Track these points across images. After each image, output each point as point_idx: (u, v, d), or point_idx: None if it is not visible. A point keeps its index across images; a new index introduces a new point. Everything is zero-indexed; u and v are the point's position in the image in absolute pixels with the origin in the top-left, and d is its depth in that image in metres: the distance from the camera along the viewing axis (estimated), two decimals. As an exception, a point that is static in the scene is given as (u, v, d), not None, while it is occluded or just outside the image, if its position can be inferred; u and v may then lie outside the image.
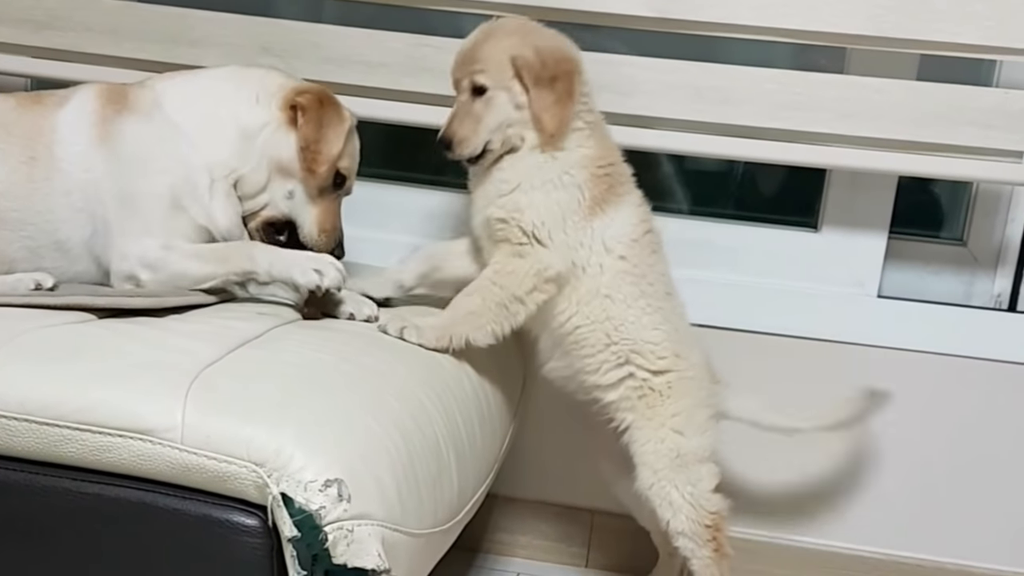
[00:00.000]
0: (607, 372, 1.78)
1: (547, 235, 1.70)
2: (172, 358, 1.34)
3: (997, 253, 2.20)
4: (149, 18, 2.16)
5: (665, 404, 1.78)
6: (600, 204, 1.73)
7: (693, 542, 1.79)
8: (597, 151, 1.75)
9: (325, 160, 1.75)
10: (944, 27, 1.93)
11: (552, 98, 1.67)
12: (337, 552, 1.22)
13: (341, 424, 1.32)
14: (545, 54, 1.68)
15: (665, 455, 1.77)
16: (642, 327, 1.76)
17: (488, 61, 1.69)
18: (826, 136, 2.01)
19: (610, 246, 1.73)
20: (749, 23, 1.99)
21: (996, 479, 2.16)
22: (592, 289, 1.74)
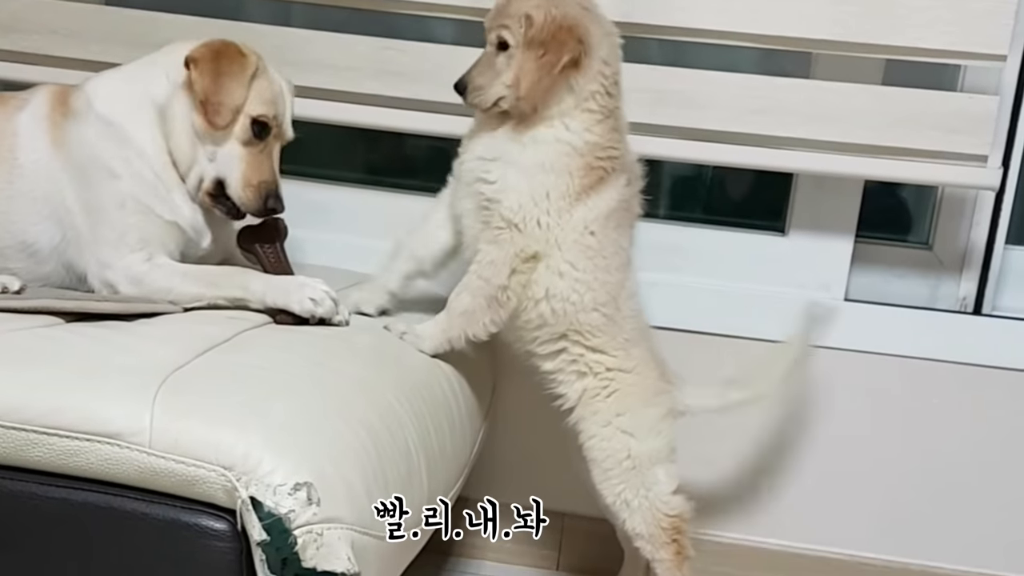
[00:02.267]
0: (543, 344, 1.78)
1: (523, 221, 1.69)
2: (140, 362, 1.33)
3: (962, 257, 2.22)
4: (115, 21, 2.16)
5: (607, 402, 1.77)
6: (588, 192, 1.70)
7: (651, 544, 1.79)
8: (602, 139, 1.71)
9: (227, 110, 1.69)
10: (909, 32, 1.95)
11: (535, 63, 1.65)
12: (307, 556, 1.22)
13: (310, 427, 1.31)
14: (551, 20, 1.65)
15: (614, 456, 1.77)
16: (581, 301, 1.73)
17: (512, 18, 1.67)
18: (792, 140, 2.02)
19: (587, 226, 1.71)
20: (715, 27, 2.00)
21: (961, 480, 2.18)
22: (549, 268, 1.72)
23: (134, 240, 1.68)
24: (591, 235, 1.72)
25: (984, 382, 2.13)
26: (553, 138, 1.69)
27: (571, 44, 1.65)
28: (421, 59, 2.10)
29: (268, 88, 1.74)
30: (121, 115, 1.71)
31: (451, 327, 1.74)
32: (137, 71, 1.77)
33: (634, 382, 1.78)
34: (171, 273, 1.67)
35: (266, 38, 2.12)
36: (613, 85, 1.72)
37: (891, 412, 2.17)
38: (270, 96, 1.74)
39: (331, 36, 2.14)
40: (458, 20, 2.13)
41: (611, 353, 1.77)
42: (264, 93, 1.73)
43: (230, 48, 1.71)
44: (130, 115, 1.71)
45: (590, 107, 1.70)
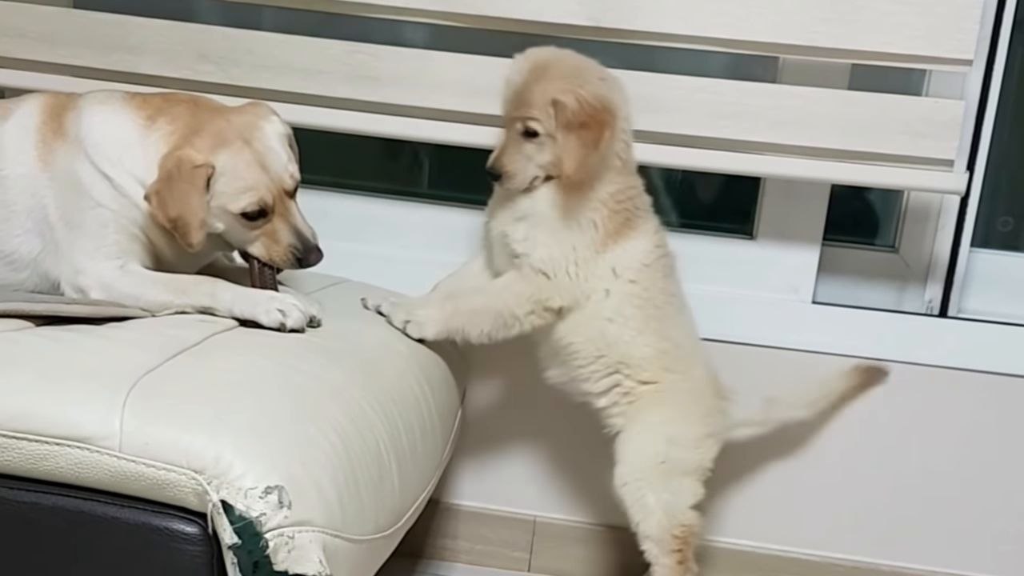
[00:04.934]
0: (597, 381, 1.86)
1: (553, 271, 1.78)
2: (110, 366, 1.33)
3: (928, 260, 2.24)
4: (85, 24, 2.14)
5: (655, 409, 1.84)
6: (614, 237, 1.80)
7: (659, 548, 1.85)
8: (622, 185, 1.81)
9: (194, 229, 1.62)
10: (875, 37, 1.97)
11: (578, 144, 1.72)
12: (278, 559, 1.22)
13: (281, 430, 1.31)
14: (584, 102, 1.72)
15: (650, 457, 1.84)
16: (632, 345, 1.83)
17: (537, 107, 1.74)
18: (760, 145, 2.03)
19: (619, 272, 1.81)
20: (682, 32, 2.01)
21: (927, 481, 2.20)
22: (595, 313, 1.81)
23: (111, 251, 1.68)
24: (632, 283, 1.81)
25: (950, 384, 2.15)
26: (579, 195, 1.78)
27: (608, 121, 1.73)
28: (393, 63, 2.10)
29: (240, 174, 1.65)
30: (114, 171, 1.67)
31: (456, 318, 1.81)
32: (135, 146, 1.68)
33: (691, 398, 1.88)
34: (141, 280, 1.67)
35: (236, 41, 2.12)
36: (630, 135, 1.83)
37: (858, 414, 2.18)
38: (247, 182, 1.65)
39: (302, 40, 2.13)
40: (429, 24, 2.13)
41: (662, 381, 1.86)
42: (238, 183, 1.65)
43: (180, 167, 1.61)
44: (124, 176, 1.67)
45: (613, 163, 1.80)
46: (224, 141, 1.64)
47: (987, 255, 2.27)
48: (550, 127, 1.73)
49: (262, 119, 1.70)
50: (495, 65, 2.06)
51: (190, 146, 1.63)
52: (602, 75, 1.80)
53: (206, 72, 2.12)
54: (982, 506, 2.20)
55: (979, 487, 2.19)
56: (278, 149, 1.69)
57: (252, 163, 1.65)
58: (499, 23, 2.06)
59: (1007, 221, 2.38)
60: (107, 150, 1.68)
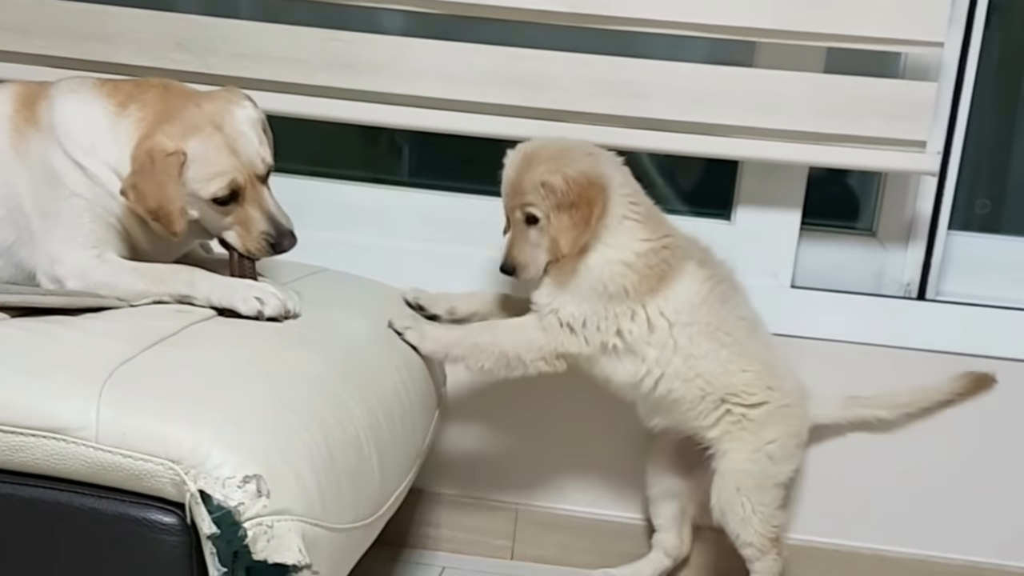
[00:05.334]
0: (707, 416, 1.90)
1: (580, 327, 1.81)
2: (86, 356, 1.33)
3: (905, 242, 2.24)
4: (59, 14, 2.12)
5: (763, 430, 1.90)
6: (649, 293, 1.82)
7: (760, 551, 1.95)
8: (648, 245, 1.83)
9: (176, 217, 1.62)
10: (849, 20, 1.97)
11: (569, 222, 1.76)
12: (257, 548, 1.22)
13: (259, 420, 1.31)
14: (571, 181, 1.76)
15: (754, 476, 1.92)
16: (731, 374, 1.87)
17: (531, 192, 1.78)
18: (737, 128, 2.04)
19: (673, 318, 1.83)
20: (659, 17, 2.01)
21: (906, 462, 2.21)
22: (669, 354, 1.84)
23: (87, 240, 1.67)
24: (692, 324, 1.84)
25: (928, 366, 2.15)
26: (603, 260, 1.81)
27: (597, 196, 1.77)
28: (371, 50, 2.10)
29: (211, 160, 1.64)
30: (87, 160, 1.67)
31: (460, 346, 1.85)
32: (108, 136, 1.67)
33: (789, 413, 1.94)
34: (118, 269, 1.66)
35: (213, 30, 2.11)
36: (636, 195, 1.85)
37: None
38: (218, 167, 1.64)
39: (280, 28, 2.12)
40: (406, 12, 2.13)
41: (770, 400, 1.90)
42: (208, 168, 1.64)
43: (152, 156, 1.61)
44: (97, 164, 1.66)
45: (624, 227, 1.82)
46: (195, 127, 1.64)
47: (965, 237, 2.27)
48: (545, 209, 1.77)
49: (233, 104, 1.69)
50: (473, 52, 2.07)
51: (161, 133, 1.62)
52: (589, 151, 1.84)
53: (183, 61, 2.11)
54: (959, 487, 2.21)
55: (956, 468, 2.20)
56: (249, 134, 1.68)
57: (223, 148, 1.64)
58: (477, 9, 2.05)
59: (984, 204, 2.39)
60: (80, 139, 1.67)
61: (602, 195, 1.77)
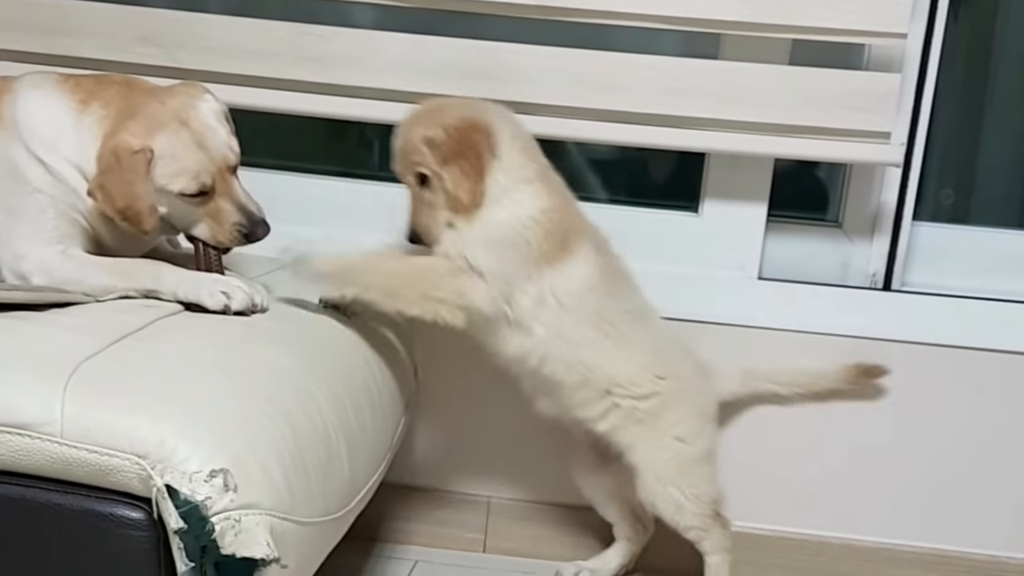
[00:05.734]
0: (592, 406, 1.86)
1: (490, 276, 1.73)
2: (50, 351, 1.32)
3: (871, 233, 2.26)
4: (22, 8, 2.11)
5: (662, 418, 1.87)
6: (550, 260, 1.77)
7: (702, 531, 1.93)
8: (549, 201, 1.78)
9: (146, 216, 1.62)
10: (813, 12, 1.99)
11: (460, 173, 1.71)
12: (225, 543, 1.22)
13: (225, 414, 1.31)
14: (451, 129, 1.71)
15: (670, 462, 1.89)
16: (614, 364, 1.84)
17: (415, 152, 1.73)
18: (704, 121, 2.05)
19: (564, 300, 1.78)
20: (625, 10, 2.02)
21: (872, 453, 2.23)
22: (555, 336, 1.79)
23: (51, 236, 1.66)
24: (579, 309, 1.80)
25: (895, 357, 2.17)
26: (502, 217, 1.75)
27: (481, 140, 1.72)
28: (341, 44, 2.09)
29: (179, 155, 1.64)
30: (49, 157, 1.66)
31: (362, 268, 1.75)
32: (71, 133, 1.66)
33: (686, 394, 1.91)
34: (83, 264, 1.65)
35: (179, 24, 2.11)
36: (533, 151, 1.80)
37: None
38: (186, 162, 1.64)
39: (248, 21, 2.11)
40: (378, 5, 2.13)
41: (661, 390, 1.87)
42: (176, 164, 1.63)
43: (118, 156, 1.60)
44: (60, 161, 1.66)
45: (525, 175, 1.77)
46: (160, 124, 1.63)
47: (929, 228, 2.29)
48: (433, 166, 1.72)
49: (196, 99, 1.68)
50: (441, 45, 2.07)
51: (125, 131, 1.62)
52: (472, 104, 1.80)
53: (151, 55, 2.10)
54: (930, 478, 2.23)
55: (918, 457, 2.23)
56: (216, 126, 1.67)
57: (190, 143, 1.64)
58: (446, 3, 2.06)
59: (948, 194, 2.41)
60: (42, 135, 1.66)
61: (486, 138, 1.72)
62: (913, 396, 2.20)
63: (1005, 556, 2.23)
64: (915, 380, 2.19)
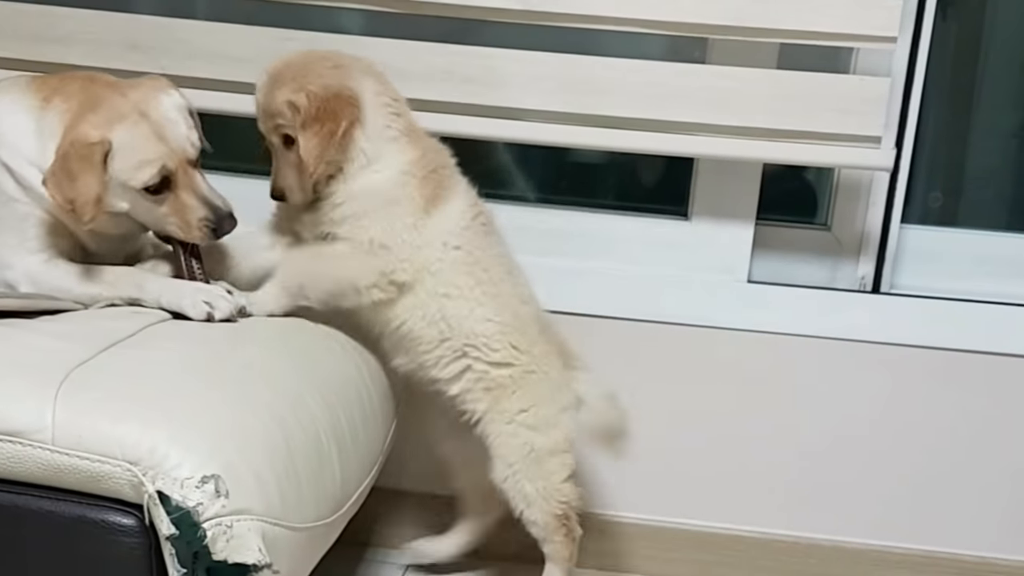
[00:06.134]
0: (446, 366, 1.83)
1: (392, 242, 1.74)
2: (41, 359, 1.32)
3: (860, 236, 2.26)
4: (9, 15, 2.11)
5: (512, 399, 1.84)
6: (433, 203, 1.77)
7: (545, 530, 1.88)
8: (418, 154, 1.78)
9: (90, 207, 1.57)
10: (802, 16, 1.99)
11: (315, 139, 1.70)
12: (217, 548, 1.22)
13: (217, 420, 1.31)
14: (313, 96, 1.70)
15: (518, 449, 1.84)
16: (474, 320, 1.80)
17: (280, 114, 1.73)
18: (692, 125, 2.05)
19: (447, 240, 1.78)
20: (613, 14, 2.02)
21: (862, 454, 2.23)
22: (431, 290, 1.78)
23: (35, 245, 1.66)
24: (457, 250, 1.78)
25: (883, 359, 2.18)
26: (375, 180, 1.75)
27: (343, 109, 1.71)
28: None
29: (138, 147, 1.62)
30: (13, 161, 1.65)
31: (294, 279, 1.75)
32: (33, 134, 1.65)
33: (538, 379, 1.85)
34: (68, 273, 1.65)
35: (166, 30, 2.10)
36: (396, 103, 1.80)
37: (793, 390, 2.22)
38: (146, 154, 1.62)
39: (234, 27, 2.11)
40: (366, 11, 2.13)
41: (515, 362, 1.83)
42: (136, 156, 1.62)
43: (74, 149, 1.58)
44: (23, 164, 1.64)
45: (391, 135, 1.77)
46: (120, 115, 1.62)
47: (918, 231, 2.29)
48: (295, 129, 1.72)
49: (159, 91, 1.68)
50: (428, 50, 2.07)
51: (86, 123, 1.60)
52: (337, 63, 1.77)
53: (136, 61, 2.09)
54: (909, 477, 2.24)
55: (908, 459, 2.23)
56: (176, 119, 1.66)
57: (150, 135, 1.63)
58: (431, 8, 2.06)
59: (936, 197, 2.41)
60: (8, 139, 1.65)
61: (350, 108, 1.71)
62: (902, 398, 2.21)
63: (995, 557, 2.24)
64: (904, 382, 2.20)
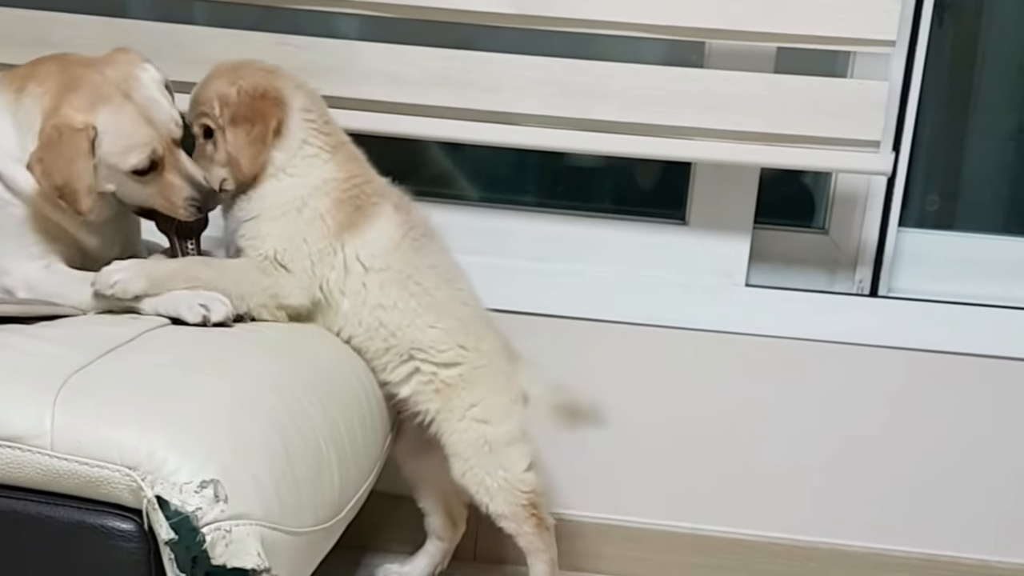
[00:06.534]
0: (394, 369, 1.84)
1: (290, 261, 1.74)
2: (40, 364, 1.32)
3: (858, 241, 2.27)
4: (7, 21, 2.11)
5: (461, 395, 1.84)
6: (348, 228, 1.77)
7: (514, 522, 1.88)
8: (339, 173, 1.79)
9: (83, 195, 1.57)
10: (799, 20, 1.99)
11: (246, 138, 1.71)
12: (216, 553, 1.22)
13: (215, 424, 1.31)
14: (245, 93, 1.71)
15: (472, 444, 1.85)
16: (416, 328, 1.82)
17: (206, 104, 1.74)
18: (689, 130, 2.05)
19: (368, 263, 1.78)
20: (609, 18, 2.02)
21: (856, 457, 2.24)
22: (359, 305, 1.79)
23: (33, 251, 1.65)
24: (384, 271, 1.79)
25: (881, 362, 2.18)
26: (282, 187, 1.75)
27: (272, 111, 1.72)
28: (322, 54, 2.09)
29: (126, 130, 1.61)
30: (8, 169, 1.63)
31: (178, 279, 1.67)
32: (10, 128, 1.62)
33: (486, 373, 1.86)
34: (67, 279, 1.65)
35: (162, 35, 2.10)
36: (325, 124, 1.82)
37: (791, 394, 2.22)
38: (134, 137, 1.61)
39: (230, 33, 2.11)
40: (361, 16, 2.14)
41: (464, 360, 1.84)
42: (124, 139, 1.61)
43: (58, 132, 1.56)
44: (16, 170, 1.61)
45: (308, 151, 1.77)
46: (103, 97, 1.60)
47: (915, 234, 2.30)
48: (219, 122, 1.72)
49: (136, 68, 1.66)
50: (423, 55, 2.07)
51: (68, 106, 1.58)
52: (271, 69, 1.79)
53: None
54: (908, 481, 2.24)
55: (907, 462, 2.23)
56: (160, 99, 1.66)
57: (137, 118, 1.62)
58: (426, 12, 2.05)
59: (934, 200, 2.42)
60: None
61: (276, 110, 1.72)
62: (900, 401, 2.21)
63: (995, 560, 2.24)
64: (902, 385, 2.21)
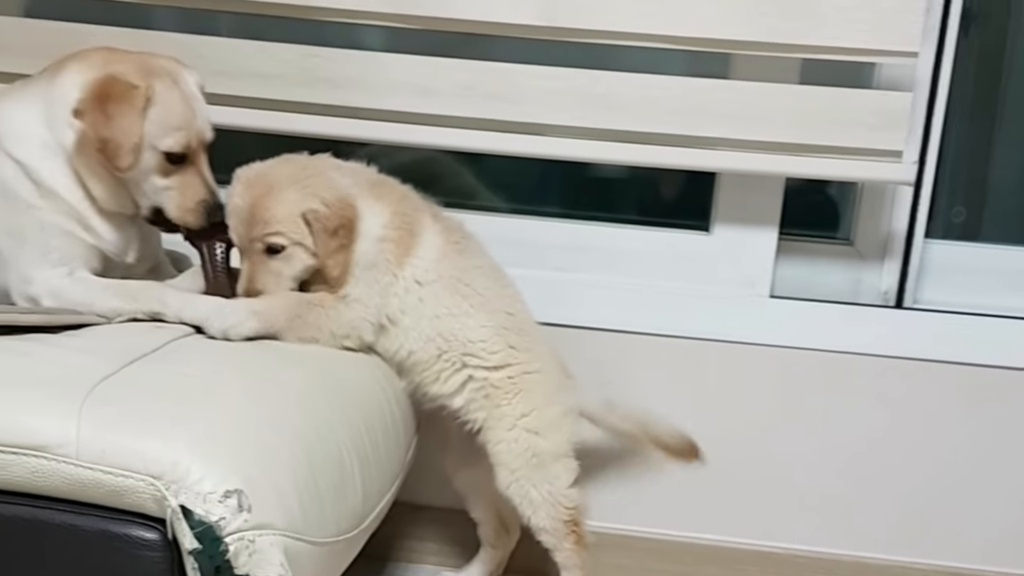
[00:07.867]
0: (447, 380, 1.83)
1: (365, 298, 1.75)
2: (65, 373, 1.33)
3: (883, 251, 2.26)
4: (36, 33, 2.13)
5: (513, 404, 1.83)
6: (405, 254, 1.78)
7: (554, 537, 1.88)
8: (388, 210, 1.78)
9: (126, 151, 1.58)
10: (824, 31, 1.98)
11: (336, 245, 1.71)
12: (239, 563, 1.22)
13: (239, 434, 1.32)
14: (330, 204, 1.70)
15: (521, 455, 1.84)
16: (468, 329, 1.81)
17: (280, 222, 1.70)
18: (713, 140, 2.05)
19: (423, 279, 1.79)
20: (635, 30, 2.02)
21: (884, 470, 2.22)
22: (417, 319, 1.79)
23: (56, 257, 1.66)
24: (436, 282, 1.80)
25: (907, 373, 2.17)
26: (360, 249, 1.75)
27: (353, 215, 1.73)
28: (347, 66, 2.11)
29: (173, 110, 1.64)
30: (32, 159, 1.63)
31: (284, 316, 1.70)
32: (40, 108, 1.64)
33: (539, 380, 1.86)
34: (91, 287, 1.65)
35: (188, 47, 2.11)
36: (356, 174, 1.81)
37: (817, 405, 2.21)
38: (178, 120, 1.64)
39: (255, 44, 2.13)
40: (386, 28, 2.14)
41: (514, 362, 1.84)
42: (170, 118, 1.63)
43: (116, 84, 1.58)
44: (41, 160, 1.63)
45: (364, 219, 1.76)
46: (152, 71, 1.61)
47: (941, 245, 2.28)
48: (299, 238, 1.70)
49: (180, 66, 1.68)
50: (449, 66, 2.08)
51: (119, 65, 1.58)
52: (318, 169, 1.76)
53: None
54: (937, 494, 2.23)
55: (932, 474, 2.22)
56: (200, 97, 1.68)
57: (183, 101, 1.64)
58: (452, 24, 2.06)
59: (960, 211, 2.40)
60: (14, 128, 1.64)
61: (354, 212, 1.73)
62: (926, 413, 2.19)
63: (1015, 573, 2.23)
64: (928, 397, 2.19)
